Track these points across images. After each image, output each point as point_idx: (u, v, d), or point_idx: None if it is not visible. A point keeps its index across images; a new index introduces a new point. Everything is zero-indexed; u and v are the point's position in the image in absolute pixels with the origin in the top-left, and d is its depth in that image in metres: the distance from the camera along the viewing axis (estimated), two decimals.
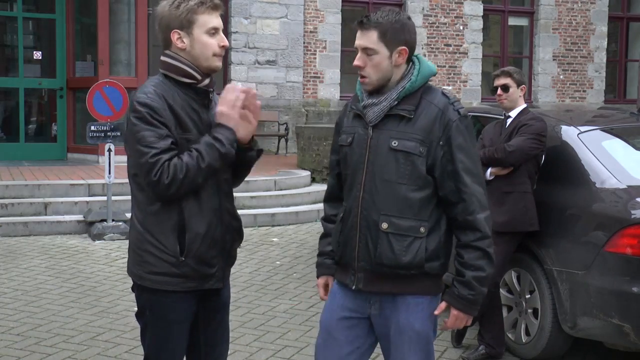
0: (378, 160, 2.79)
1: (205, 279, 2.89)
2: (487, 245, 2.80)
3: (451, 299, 2.83)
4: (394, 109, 2.78)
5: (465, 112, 2.80)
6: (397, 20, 2.76)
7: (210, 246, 2.86)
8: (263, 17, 15.08)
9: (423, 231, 2.76)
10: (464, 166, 2.75)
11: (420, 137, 2.74)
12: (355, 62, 2.80)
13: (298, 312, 6.03)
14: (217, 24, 2.84)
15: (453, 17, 16.51)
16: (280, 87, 15.30)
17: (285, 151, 14.94)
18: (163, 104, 2.76)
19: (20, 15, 13.01)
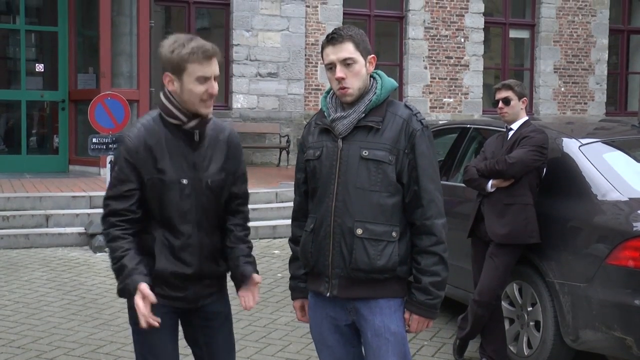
0: (350, 169, 2.90)
1: (174, 299, 3.03)
2: (442, 251, 2.90)
3: (411, 306, 2.94)
4: (362, 120, 2.91)
5: (427, 122, 2.96)
6: (361, 33, 2.95)
7: (180, 277, 2.99)
8: (264, 29, 15.12)
9: (395, 235, 2.88)
10: (426, 173, 2.89)
11: (389, 146, 2.87)
12: (338, 74, 2.87)
13: (299, 324, 6.01)
14: (209, 72, 2.89)
15: (454, 30, 16.55)
16: (282, 100, 15.33)
17: (286, 163, 14.95)
18: (139, 146, 2.92)
19: (22, 27, 13.06)
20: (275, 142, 15.08)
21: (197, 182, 2.98)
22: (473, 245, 5.13)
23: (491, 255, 4.87)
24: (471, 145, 6.22)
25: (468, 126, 6.40)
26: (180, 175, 2.95)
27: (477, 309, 4.88)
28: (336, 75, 2.88)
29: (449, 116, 16.01)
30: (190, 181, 2.97)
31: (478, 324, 4.94)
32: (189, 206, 2.97)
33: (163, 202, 2.95)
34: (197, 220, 2.99)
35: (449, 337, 5.66)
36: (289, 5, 15.23)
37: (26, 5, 13.09)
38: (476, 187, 5.01)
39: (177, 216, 2.96)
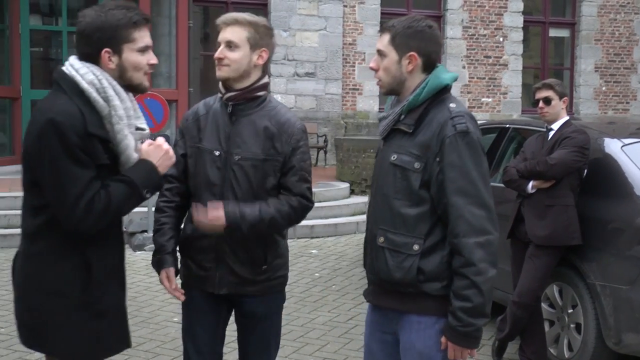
0: (381, 174, 2.81)
1: (202, 280, 3.12)
2: (473, 274, 2.58)
3: (445, 329, 2.68)
4: (398, 123, 2.76)
5: (466, 128, 2.63)
6: (410, 26, 2.71)
7: (200, 251, 3.08)
8: (302, 29, 15.16)
9: (417, 249, 2.67)
10: (456, 186, 2.60)
11: (417, 152, 2.67)
12: (370, 64, 2.83)
13: (337, 324, 6.02)
14: (219, 38, 3.06)
15: (493, 29, 16.42)
16: (319, 99, 15.35)
17: (324, 163, 14.98)
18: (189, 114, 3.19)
19: (64, 29, 13.26)
20: (312, 141, 15.10)
21: (229, 155, 3.03)
22: (512, 246, 5.08)
23: (531, 256, 4.83)
24: (510, 145, 6.17)
25: (507, 126, 6.35)
26: (214, 146, 3.04)
27: (517, 310, 4.84)
28: (369, 65, 2.84)
29: (488, 116, 15.88)
30: (222, 153, 3.03)
31: (517, 325, 4.89)
32: (216, 178, 3.03)
33: (195, 171, 3.06)
34: (221, 194, 3.02)
35: (488, 339, 5.62)
36: (327, 5, 15.25)
37: (68, 7, 13.29)
38: (516, 188, 4.97)
39: (203, 186, 3.04)
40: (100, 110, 2.60)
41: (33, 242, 2.67)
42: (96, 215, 2.54)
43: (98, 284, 2.66)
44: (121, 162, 2.67)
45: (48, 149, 2.52)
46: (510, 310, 4.89)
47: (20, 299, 2.72)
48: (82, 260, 2.63)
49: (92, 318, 2.66)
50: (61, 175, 2.52)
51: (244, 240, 3.04)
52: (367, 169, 11.89)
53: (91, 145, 2.56)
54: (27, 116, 12.83)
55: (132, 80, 2.68)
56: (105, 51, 2.62)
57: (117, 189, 2.60)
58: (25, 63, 12.80)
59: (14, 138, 12.79)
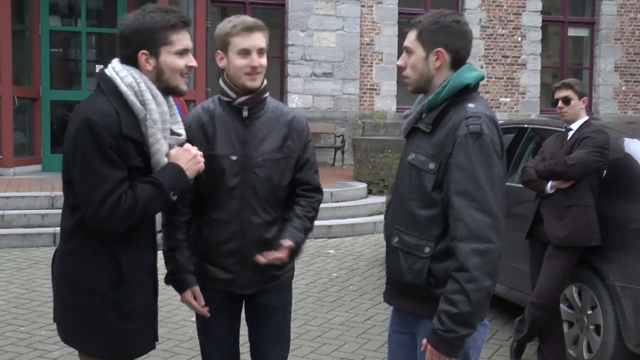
0: (399, 173, 2.78)
1: (226, 283, 3.12)
2: (465, 280, 2.45)
3: (428, 331, 2.57)
4: (418, 121, 2.71)
5: (479, 129, 2.53)
6: (436, 22, 2.65)
7: (226, 255, 3.06)
8: (320, 29, 15.17)
9: (428, 251, 2.60)
10: (459, 187, 2.50)
11: (432, 152, 2.60)
12: (398, 61, 2.79)
13: (355, 324, 6.01)
14: (249, 45, 2.98)
15: (511, 29, 16.35)
16: (337, 99, 15.35)
17: (341, 163, 14.98)
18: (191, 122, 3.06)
19: (84, 30, 13.35)
20: (330, 141, 15.11)
21: (247, 159, 3.03)
22: (531, 246, 5.06)
23: (550, 257, 4.80)
24: (528, 145, 6.14)
25: (525, 126, 6.32)
26: (230, 151, 3.03)
27: (535, 311, 4.82)
28: (397, 63, 2.80)
29: (506, 116, 15.81)
30: (239, 158, 3.03)
31: (536, 326, 4.87)
32: (235, 182, 3.03)
33: (211, 178, 3.02)
34: (242, 197, 3.04)
35: (506, 340, 5.60)
36: (344, 5, 15.25)
37: (87, 8, 13.38)
38: (535, 188, 4.94)
39: (223, 192, 3.03)
40: (137, 113, 2.64)
41: (68, 240, 2.71)
42: (121, 214, 2.56)
43: (128, 284, 2.69)
44: (151, 165, 2.70)
45: (81, 147, 2.56)
46: (529, 311, 4.87)
47: (57, 295, 2.78)
48: (113, 260, 2.66)
49: (122, 318, 2.69)
50: (91, 173, 2.55)
51: (268, 240, 3.09)
52: (385, 169, 11.88)
53: (124, 146, 2.59)
54: (47, 116, 12.94)
55: (169, 82, 2.70)
56: (142, 53, 2.65)
57: (143, 190, 2.62)
58: (45, 64, 12.90)
59: (34, 138, 12.89)
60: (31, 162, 12.69)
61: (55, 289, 2.78)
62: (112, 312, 2.67)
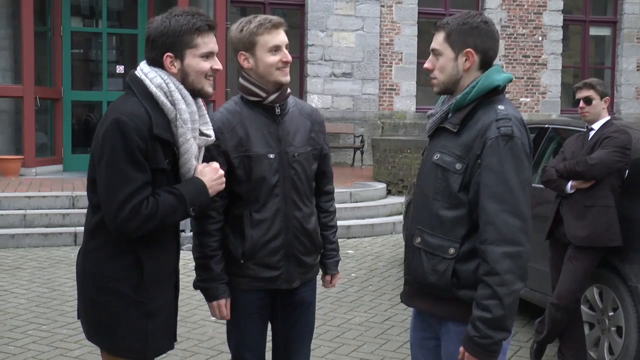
0: (423, 172, 2.77)
1: (268, 281, 3.13)
2: (496, 284, 2.45)
3: (463, 338, 2.55)
4: (444, 121, 2.69)
5: (511, 132, 2.51)
6: (465, 22, 2.63)
7: (271, 253, 3.08)
8: (339, 29, 15.16)
9: (452, 252, 2.58)
10: (491, 191, 2.48)
11: (459, 153, 2.58)
12: (425, 64, 2.77)
13: (373, 324, 6.01)
14: (279, 41, 3.02)
15: (532, 28, 16.25)
16: (356, 100, 15.34)
17: (360, 163, 14.97)
18: (222, 127, 3.03)
19: (104, 31, 13.44)
20: (349, 142, 15.10)
21: (284, 155, 3.08)
22: (551, 247, 5.02)
23: (570, 258, 4.77)
24: (549, 145, 6.10)
25: (546, 126, 6.28)
26: (266, 150, 3.06)
27: (556, 312, 4.78)
28: (424, 65, 2.79)
29: (526, 116, 15.72)
30: (277, 155, 3.07)
31: (556, 327, 4.84)
32: (276, 180, 3.06)
33: (251, 179, 3.04)
34: (285, 194, 3.09)
35: (526, 341, 5.56)
36: (364, 5, 15.23)
37: (108, 9, 13.46)
38: (555, 188, 4.91)
39: (264, 190, 3.05)
40: (167, 113, 2.66)
41: (91, 239, 2.74)
42: (140, 220, 2.57)
43: (149, 284, 2.70)
44: (179, 164, 2.71)
45: (109, 147, 2.58)
46: (549, 313, 4.84)
47: (80, 293, 2.81)
48: (135, 260, 2.68)
49: (142, 317, 2.71)
50: (116, 174, 2.56)
51: (310, 231, 3.18)
52: (404, 169, 11.85)
53: (152, 148, 2.60)
54: (68, 117, 13.04)
55: (194, 85, 2.71)
56: (167, 56, 2.67)
57: (166, 199, 2.63)
58: (67, 64, 13.00)
59: (55, 138, 12.99)
60: (52, 162, 12.79)
61: (79, 287, 2.81)
62: (133, 311, 2.69)
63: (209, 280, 3.11)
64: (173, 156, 2.68)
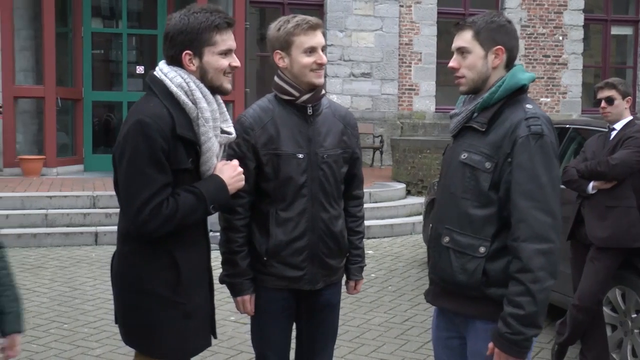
0: (449, 172, 2.76)
1: (292, 280, 3.12)
2: (529, 281, 2.47)
3: (493, 335, 2.56)
4: (470, 120, 2.70)
5: (541, 130, 2.55)
6: (492, 21, 2.67)
7: (295, 252, 3.07)
8: (358, 30, 15.16)
9: (483, 251, 2.59)
10: (522, 188, 2.51)
11: (488, 152, 2.60)
12: (450, 63, 2.76)
13: (393, 325, 6.00)
14: (315, 43, 3.03)
15: (552, 28, 16.16)
16: (375, 100, 15.32)
17: (380, 163, 14.95)
18: (254, 124, 3.05)
19: (125, 31, 13.52)
20: (368, 142, 15.09)
21: (313, 156, 3.08)
22: (572, 248, 4.99)
23: (592, 259, 4.73)
24: (570, 145, 6.06)
25: (567, 126, 6.24)
26: (296, 149, 3.06)
27: (577, 314, 4.75)
28: (449, 64, 2.76)
29: None
30: (306, 155, 3.07)
31: (578, 329, 4.80)
32: (303, 180, 3.06)
33: (279, 177, 3.05)
34: (312, 195, 3.08)
35: (547, 342, 5.53)
36: (383, 5, 15.21)
37: (128, 10, 13.54)
38: (576, 189, 4.88)
39: (292, 190, 3.06)
40: (189, 112, 2.66)
41: (125, 242, 2.74)
42: (160, 221, 2.57)
43: (185, 284, 2.71)
44: (200, 163, 2.71)
45: (131, 148, 2.58)
46: (571, 314, 4.80)
47: (117, 297, 2.82)
48: (170, 261, 2.68)
49: (181, 318, 2.71)
50: (137, 175, 2.56)
51: (336, 233, 3.17)
52: (424, 169, 11.82)
53: (175, 148, 2.60)
54: (89, 117, 13.13)
55: (213, 82, 2.71)
56: (186, 53, 2.67)
57: (186, 199, 2.63)
58: (87, 65, 13.09)
59: (76, 139, 13.09)
60: (73, 162, 12.89)
61: (115, 291, 2.82)
62: (172, 312, 2.69)
63: (234, 275, 3.12)
64: (195, 155, 2.68)
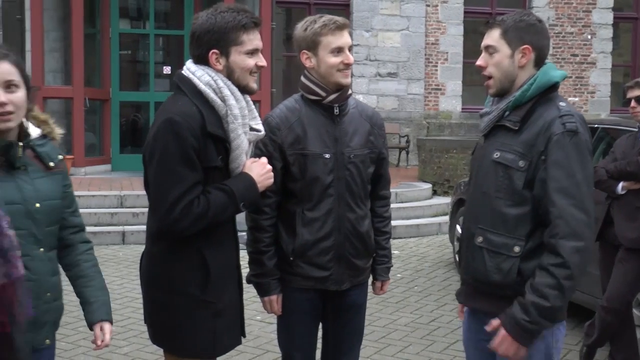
0: (481, 171, 2.74)
1: (318, 280, 3.12)
2: (564, 277, 2.45)
3: (504, 317, 2.55)
4: (502, 119, 2.68)
5: (575, 128, 2.54)
6: (521, 20, 2.66)
7: (321, 252, 3.07)
8: (384, 29, 15.13)
9: (517, 250, 2.58)
10: (559, 185, 2.49)
11: (522, 150, 2.58)
12: (477, 61, 2.75)
13: (419, 325, 5.98)
14: (342, 43, 3.02)
15: (580, 27, 16.01)
16: (401, 100, 15.28)
17: (406, 163, 14.92)
18: (280, 123, 3.06)
19: (152, 32, 13.61)
20: (394, 142, 15.05)
21: (340, 156, 3.08)
22: (601, 249, 4.94)
23: (621, 260, 4.69)
24: (599, 145, 6.00)
25: (595, 126, 6.18)
26: (322, 149, 3.05)
27: (606, 315, 4.71)
28: (476, 62, 2.76)
29: None
30: (332, 155, 3.06)
31: (606, 331, 4.76)
32: (330, 180, 3.06)
33: (305, 177, 3.05)
34: (338, 195, 3.08)
35: (575, 344, 5.48)
36: (409, 5, 15.17)
37: (155, 11, 13.63)
38: (605, 189, 4.83)
39: (319, 190, 3.06)
40: (218, 110, 2.67)
41: (154, 242, 2.75)
42: (192, 219, 2.58)
43: (215, 283, 2.72)
44: (230, 160, 2.72)
45: (160, 146, 2.58)
46: (599, 316, 4.76)
47: (145, 296, 2.83)
48: (200, 260, 2.69)
49: (211, 317, 2.72)
50: (168, 174, 2.57)
51: (362, 234, 3.15)
52: (450, 169, 11.77)
53: (205, 146, 2.61)
54: (116, 117, 13.24)
55: (239, 81, 2.72)
56: (213, 52, 2.68)
57: (216, 197, 2.64)
58: (115, 65, 13.20)
59: (103, 139, 13.20)
60: (101, 162, 13.00)
61: (144, 290, 2.83)
62: (202, 311, 2.70)
63: (261, 275, 3.12)
64: (225, 152, 2.69)
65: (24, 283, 1.85)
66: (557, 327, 2.67)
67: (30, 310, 2.06)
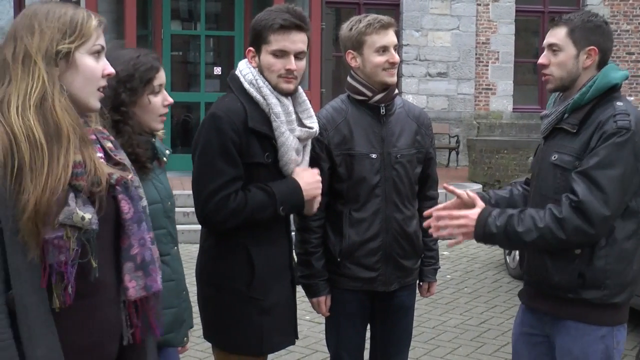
0: (541, 174, 2.71)
1: (366, 281, 3.10)
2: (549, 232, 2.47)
3: (486, 209, 2.60)
4: (561, 122, 2.65)
5: (628, 125, 2.48)
6: (589, 20, 2.63)
7: (369, 253, 3.05)
8: (434, 29, 15.02)
9: (578, 252, 2.55)
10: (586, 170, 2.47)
11: (578, 152, 2.55)
12: (539, 59, 2.71)
13: (469, 327, 5.92)
14: (387, 42, 3.00)
15: (637, 24, 15.68)
16: (451, 99, 15.16)
17: (455, 164, 14.80)
18: (327, 124, 3.04)
19: (203, 33, 13.74)
20: (444, 142, 14.94)
21: (386, 156, 3.06)
22: None
23: None
24: None
25: None
26: (369, 149, 3.04)
27: None
28: (538, 61, 2.72)
29: None
30: (379, 156, 3.05)
31: None
32: (377, 180, 3.05)
33: (352, 177, 3.04)
34: (386, 195, 3.06)
35: (631, 349, 5.36)
36: (460, 4, 15.04)
37: (206, 12, 13.76)
38: None
39: (365, 191, 3.04)
40: (263, 107, 2.70)
41: (206, 238, 2.81)
42: (226, 213, 2.60)
43: (261, 281, 2.73)
44: (278, 157, 2.73)
45: (203, 140, 2.65)
46: None
47: (198, 292, 2.87)
48: (246, 257, 2.71)
49: (257, 314, 2.73)
50: (207, 166, 2.62)
51: (410, 234, 3.14)
52: (501, 170, 11.63)
53: (247, 142, 2.64)
54: (168, 117, 13.32)
55: (269, 81, 2.73)
56: (249, 50, 2.74)
57: (255, 195, 2.65)
58: (166, 66, 13.35)
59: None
60: None
61: (198, 286, 2.87)
62: (248, 307, 2.72)
63: (310, 276, 3.11)
64: (273, 150, 2.70)
65: (161, 297, 1.89)
66: (617, 329, 2.63)
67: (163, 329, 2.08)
